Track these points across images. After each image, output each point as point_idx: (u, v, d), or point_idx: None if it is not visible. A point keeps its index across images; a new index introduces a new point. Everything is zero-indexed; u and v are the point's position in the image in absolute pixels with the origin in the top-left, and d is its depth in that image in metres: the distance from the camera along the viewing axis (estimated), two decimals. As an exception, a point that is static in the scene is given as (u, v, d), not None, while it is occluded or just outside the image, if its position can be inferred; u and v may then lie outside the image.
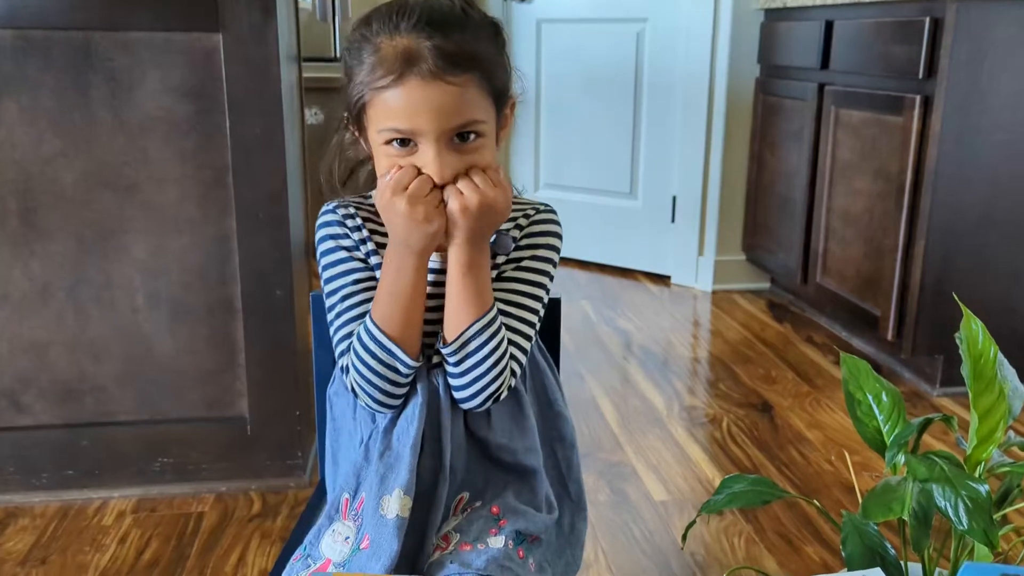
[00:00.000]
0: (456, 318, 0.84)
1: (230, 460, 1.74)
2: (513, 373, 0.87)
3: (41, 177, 1.57)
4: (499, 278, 0.89)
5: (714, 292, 3.16)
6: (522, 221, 0.91)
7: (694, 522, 0.97)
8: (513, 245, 0.90)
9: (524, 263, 0.90)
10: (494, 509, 0.87)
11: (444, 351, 0.85)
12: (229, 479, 1.74)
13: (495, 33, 0.85)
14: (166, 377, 1.69)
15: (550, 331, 1.03)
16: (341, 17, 3.43)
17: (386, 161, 0.82)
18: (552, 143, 3.47)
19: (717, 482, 1.82)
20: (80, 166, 1.57)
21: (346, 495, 0.87)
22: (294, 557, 0.86)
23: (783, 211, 2.86)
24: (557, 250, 0.92)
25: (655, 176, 3.27)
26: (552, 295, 1.03)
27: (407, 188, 0.80)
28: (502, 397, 0.87)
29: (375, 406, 0.87)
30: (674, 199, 3.22)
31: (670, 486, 1.80)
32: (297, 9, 2.02)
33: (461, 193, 0.81)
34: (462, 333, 0.84)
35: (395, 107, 0.79)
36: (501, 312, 0.87)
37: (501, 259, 0.90)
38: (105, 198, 1.59)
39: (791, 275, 2.82)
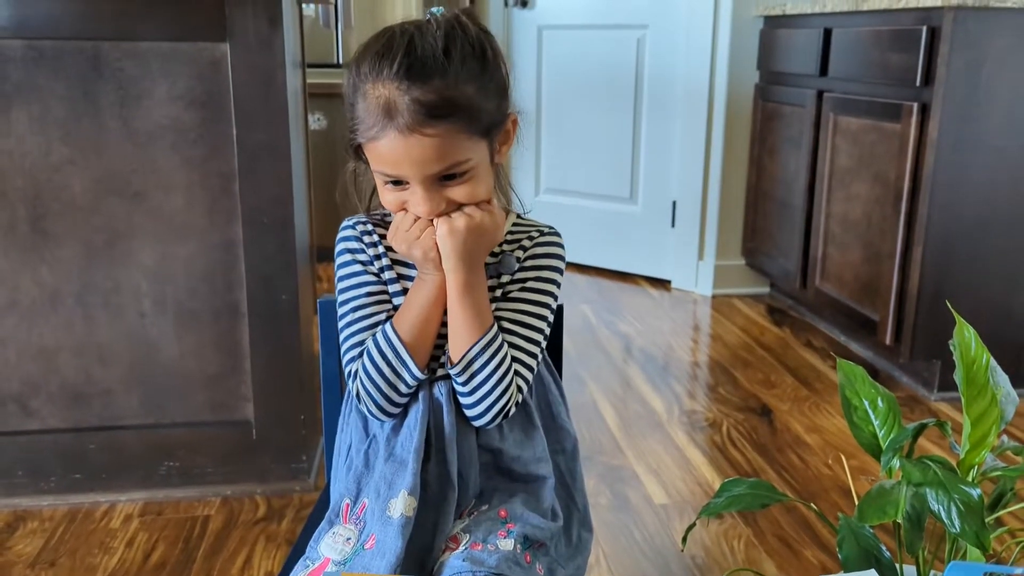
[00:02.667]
0: (459, 339, 0.88)
1: (235, 464, 1.76)
2: (520, 389, 0.89)
3: (50, 185, 1.59)
4: (504, 297, 0.92)
5: (714, 296, 3.18)
6: (526, 242, 0.94)
7: (694, 524, 0.99)
8: (517, 266, 0.92)
9: (528, 283, 0.92)
10: (502, 512, 0.89)
11: (451, 372, 0.88)
12: (234, 482, 1.76)
13: (481, 66, 0.83)
14: (172, 381, 1.71)
15: (552, 336, 1.05)
16: (344, 24, 3.45)
17: (387, 194, 0.87)
18: (553, 148, 3.50)
19: (717, 485, 1.83)
20: (89, 174, 1.59)
21: (347, 500, 0.90)
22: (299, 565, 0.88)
23: (782, 216, 2.88)
24: (560, 271, 0.95)
25: (655, 181, 3.29)
26: None
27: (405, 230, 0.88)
28: (511, 413, 0.90)
29: (376, 412, 0.90)
30: (674, 204, 3.25)
31: (670, 489, 1.82)
32: (301, 16, 2.04)
33: (449, 217, 0.86)
34: (465, 354, 0.87)
35: (381, 156, 0.83)
36: (506, 330, 0.89)
37: (506, 279, 0.92)
38: (113, 205, 1.61)
39: (790, 280, 2.84)
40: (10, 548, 1.57)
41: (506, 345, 0.89)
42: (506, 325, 0.90)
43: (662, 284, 3.32)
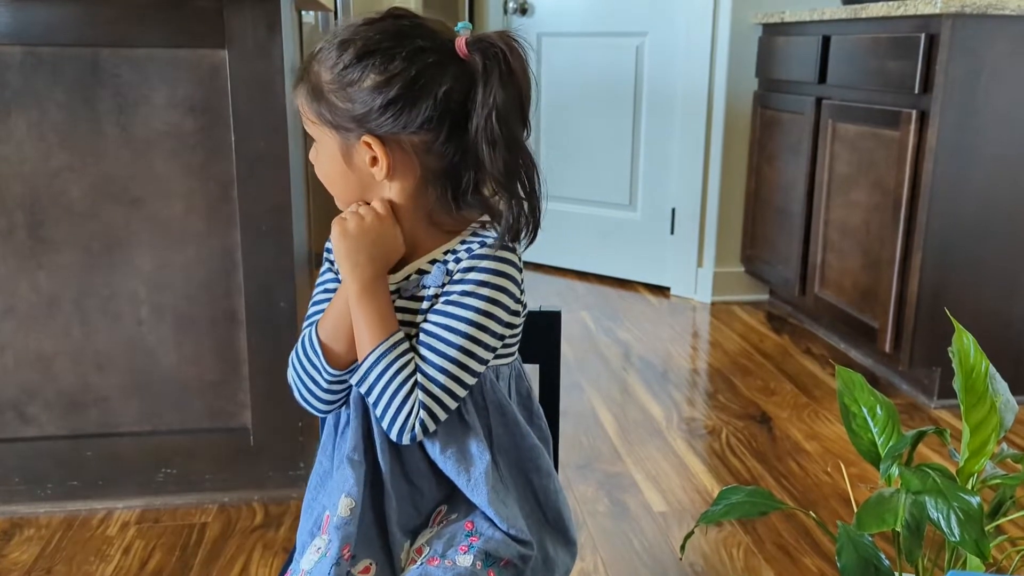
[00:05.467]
0: (359, 346, 0.86)
1: (233, 471, 1.75)
2: (425, 407, 0.83)
3: (48, 191, 1.59)
4: (428, 310, 0.87)
5: (713, 303, 3.18)
6: (462, 255, 0.87)
7: (692, 532, 0.99)
8: (446, 279, 0.87)
9: (452, 297, 0.86)
10: (468, 524, 0.87)
11: (351, 380, 0.88)
12: (232, 490, 1.76)
13: (360, 70, 0.83)
14: (170, 388, 1.71)
15: (550, 344, 1.05)
16: (343, 31, 3.46)
17: None
18: (552, 155, 3.50)
19: (716, 493, 1.83)
20: (87, 180, 1.59)
21: (327, 512, 0.90)
22: None
23: (781, 223, 2.88)
24: (498, 288, 0.85)
25: (654, 188, 3.29)
26: (552, 307, 1.05)
27: None
28: (428, 430, 0.84)
29: (304, 404, 0.93)
30: (673, 211, 3.25)
31: (669, 497, 1.81)
32: (300, 23, 2.05)
33: (342, 218, 0.88)
34: (363, 362, 0.85)
35: None
36: (418, 344, 0.86)
37: (432, 291, 0.88)
38: (111, 211, 1.61)
39: (789, 287, 2.84)
40: (6, 556, 1.56)
41: (410, 358, 0.85)
42: (420, 338, 0.86)
43: (661, 291, 3.32)
